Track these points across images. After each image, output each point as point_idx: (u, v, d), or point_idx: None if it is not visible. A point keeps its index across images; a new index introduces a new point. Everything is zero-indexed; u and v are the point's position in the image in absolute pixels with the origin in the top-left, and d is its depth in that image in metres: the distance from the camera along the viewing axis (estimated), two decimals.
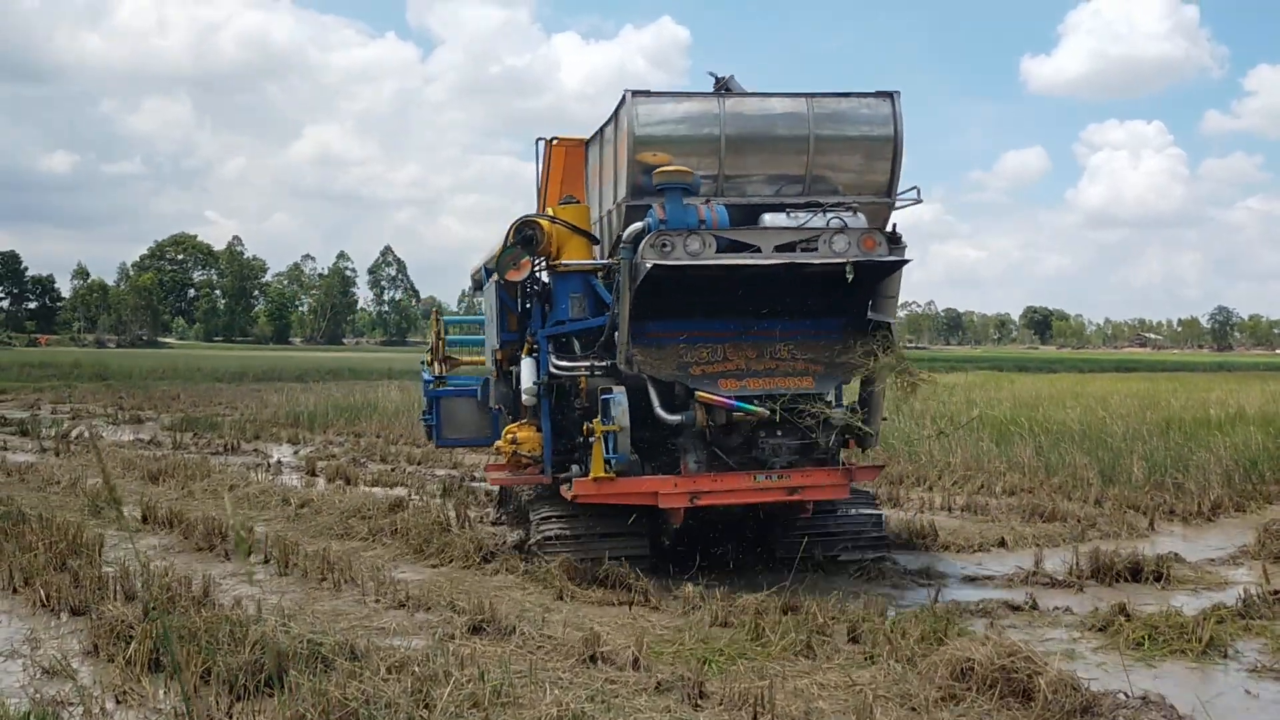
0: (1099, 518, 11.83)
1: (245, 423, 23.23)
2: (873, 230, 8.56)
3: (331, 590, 8.49)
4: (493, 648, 6.69)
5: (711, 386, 8.56)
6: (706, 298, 8.88)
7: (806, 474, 8.61)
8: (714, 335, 8.92)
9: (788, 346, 8.87)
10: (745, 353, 8.82)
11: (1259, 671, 6.62)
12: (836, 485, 8.69)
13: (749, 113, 9.13)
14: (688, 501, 8.52)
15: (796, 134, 9.09)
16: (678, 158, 8.79)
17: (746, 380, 8.63)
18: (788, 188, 9.22)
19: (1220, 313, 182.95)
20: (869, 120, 9.17)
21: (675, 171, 8.61)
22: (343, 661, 6.02)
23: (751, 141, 9.12)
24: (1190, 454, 14.42)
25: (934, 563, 9.76)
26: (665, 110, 9.12)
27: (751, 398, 8.53)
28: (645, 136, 8.92)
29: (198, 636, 6.28)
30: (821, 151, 9.10)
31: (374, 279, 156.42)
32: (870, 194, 9.19)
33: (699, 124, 9.07)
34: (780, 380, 8.64)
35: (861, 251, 8.42)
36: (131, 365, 50.23)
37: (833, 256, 8.40)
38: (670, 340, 8.85)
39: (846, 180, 9.25)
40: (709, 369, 8.71)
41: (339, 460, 17.12)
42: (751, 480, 8.53)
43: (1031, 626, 7.67)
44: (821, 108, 9.12)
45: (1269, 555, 9.77)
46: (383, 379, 40.75)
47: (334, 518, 11.37)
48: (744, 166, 9.16)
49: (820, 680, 6.22)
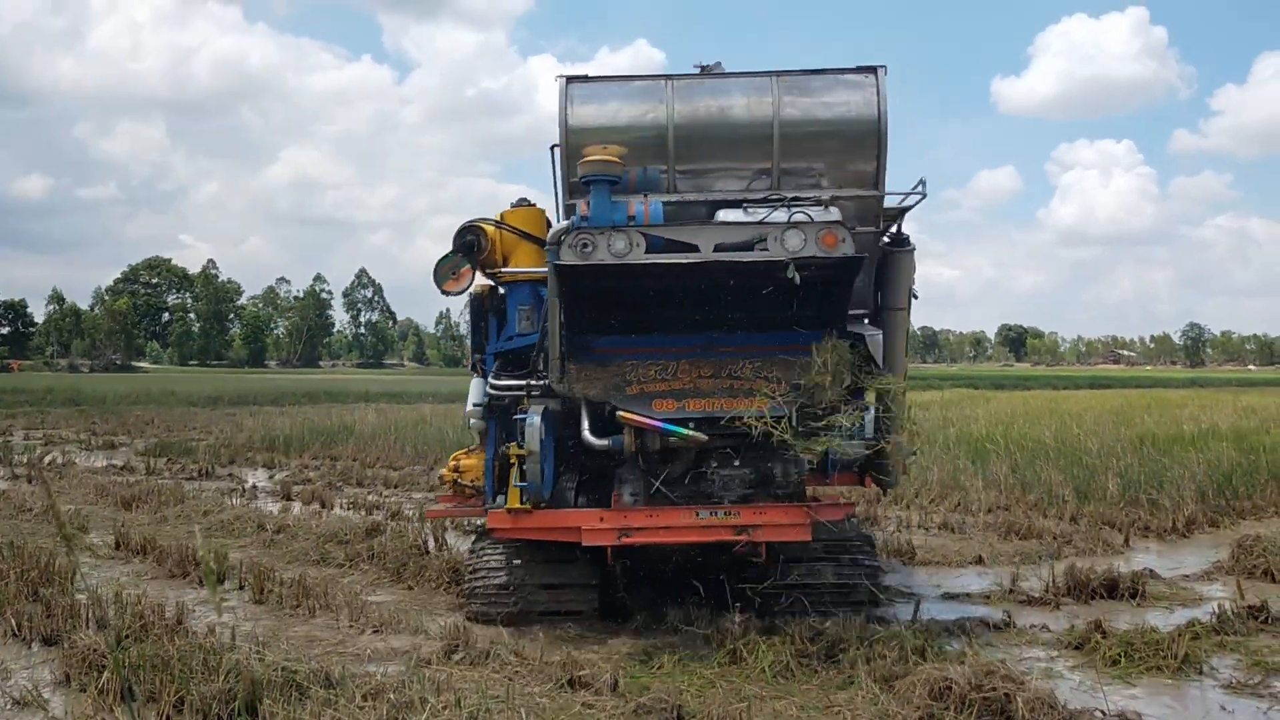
0: (1074, 534, 11.88)
1: (220, 447, 23.04)
2: (833, 225, 7.23)
3: (306, 616, 8.41)
4: (469, 672, 6.65)
5: (643, 406, 7.56)
6: (664, 309, 7.94)
7: (760, 511, 7.40)
8: (671, 351, 7.91)
9: (753, 364, 7.74)
10: (700, 370, 7.74)
11: (1234, 688, 6.65)
12: (795, 526, 7.37)
13: (701, 98, 8.16)
14: (615, 539, 7.47)
15: (760, 119, 8.05)
16: (624, 151, 7.92)
17: (686, 401, 7.59)
18: (753, 181, 8.22)
19: (1192, 329, 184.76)
20: (846, 101, 8.08)
21: (600, 162, 7.64)
22: (317, 689, 5.96)
23: (706, 130, 8.15)
24: (1164, 470, 14.52)
25: (911, 581, 9.77)
26: (605, 98, 8.33)
27: (686, 420, 7.53)
28: (582, 128, 8.17)
29: (171, 665, 6.21)
30: (790, 138, 8.05)
31: (350, 301, 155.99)
32: (853, 186, 8.13)
33: (644, 112, 8.20)
34: (725, 401, 7.52)
35: (820, 249, 7.13)
36: (105, 390, 49.75)
37: (783, 255, 7.16)
38: (617, 357, 7.92)
39: (823, 171, 8.20)
40: (649, 388, 7.70)
41: (315, 484, 17.00)
42: (693, 517, 7.43)
43: (1009, 645, 7.68)
44: (790, 88, 8.09)
45: (1243, 571, 9.83)
46: (359, 402, 40.61)
47: (310, 543, 11.28)
48: (699, 158, 8.23)
49: (799, 702, 6.21)
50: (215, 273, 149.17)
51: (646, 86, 8.30)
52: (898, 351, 8.26)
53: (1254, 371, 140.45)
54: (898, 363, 8.28)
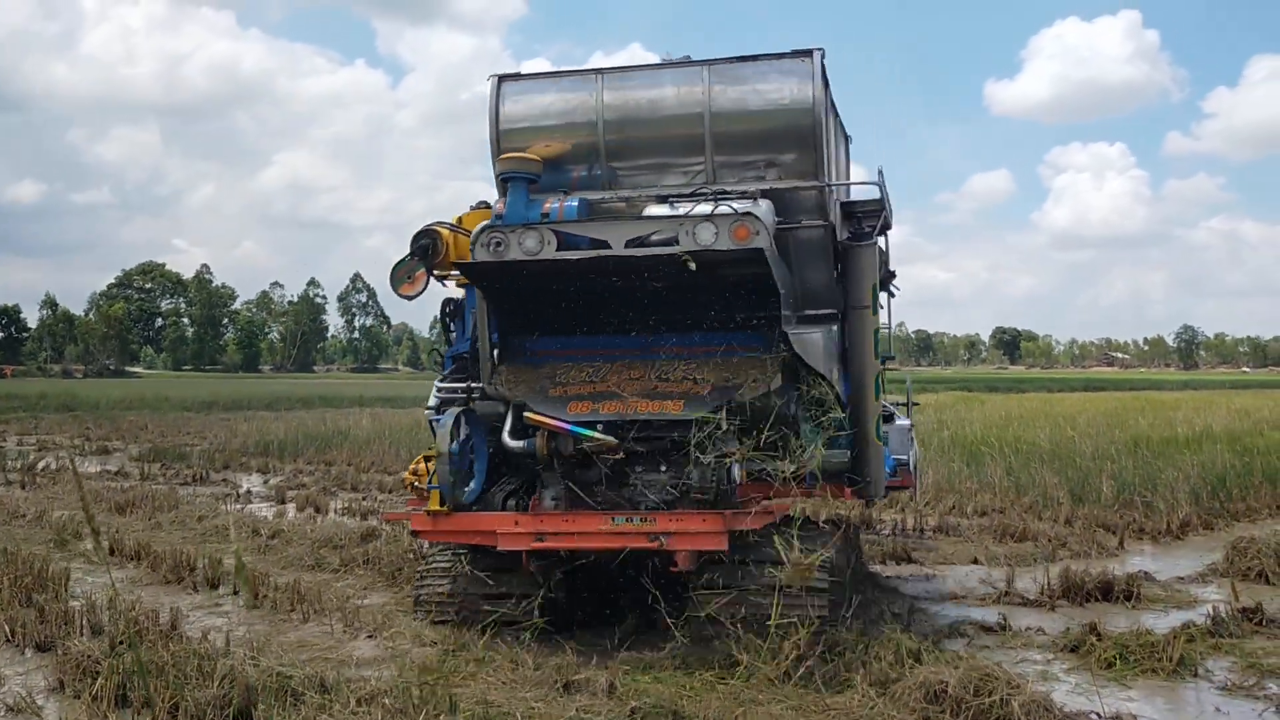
0: (1069, 537, 11.90)
1: (214, 452, 23.02)
2: (745, 218, 6.93)
3: (301, 621, 8.39)
4: (464, 677, 6.63)
5: (559, 409, 7.39)
6: (600, 310, 7.79)
7: (676, 518, 7.03)
8: (607, 353, 7.77)
9: (687, 365, 7.49)
10: (631, 373, 7.52)
11: (1229, 690, 6.66)
12: (710, 534, 6.93)
13: (632, 90, 7.97)
14: (530, 543, 7.24)
15: (691, 111, 7.80)
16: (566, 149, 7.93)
17: (602, 403, 7.35)
18: (680, 174, 8.04)
19: (1186, 331, 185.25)
20: (780, 87, 7.69)
21: (515, 159, 7.71)
22: (312, 694, 5.95)
23: (636, 124, 7.96)
24: (1158, 472, 14.55)
25: (907, 584, 9.77)
26: (536, 96, 8.21)
27: (596, 423, 7.30)
28: (513, 128, 8.11)
29: (165, 671, 6.19)
30: (722, 129, 7.79)
31: (344, 306, 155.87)
32: (793, 177, 7.76)
33: (574, 109, 8.06)
34: (641, 404, 7.26)
35: (733, 242, 6.87)
36: (99, 395, 49.67)
37: (694, 247, 6.92)
38: (552, 359, 7.83)
39: (756, 161, 7.86)
40: (572, 390, 7.51)
41: (310, 489, 16.98)
42: (608, 522, 7.12)
43: (1004, 647, 7.69)
44: (721, 77, 7.76)
45: (1237, 573, 9.84)
46: (354, 407, 40.53)
47: (305, 548, 11.26)
48: (631, 154, 8.07)
49: (796, 705, 6.19)
50: (209, 277, 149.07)
51: (577, 81, 8.15)
52: (864, 352, 7.94)
53: (1248, 374, 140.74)
54: (866, 364, 7.98)
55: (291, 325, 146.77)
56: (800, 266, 8.01)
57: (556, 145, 8.01)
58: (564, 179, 8.17)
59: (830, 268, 8.09)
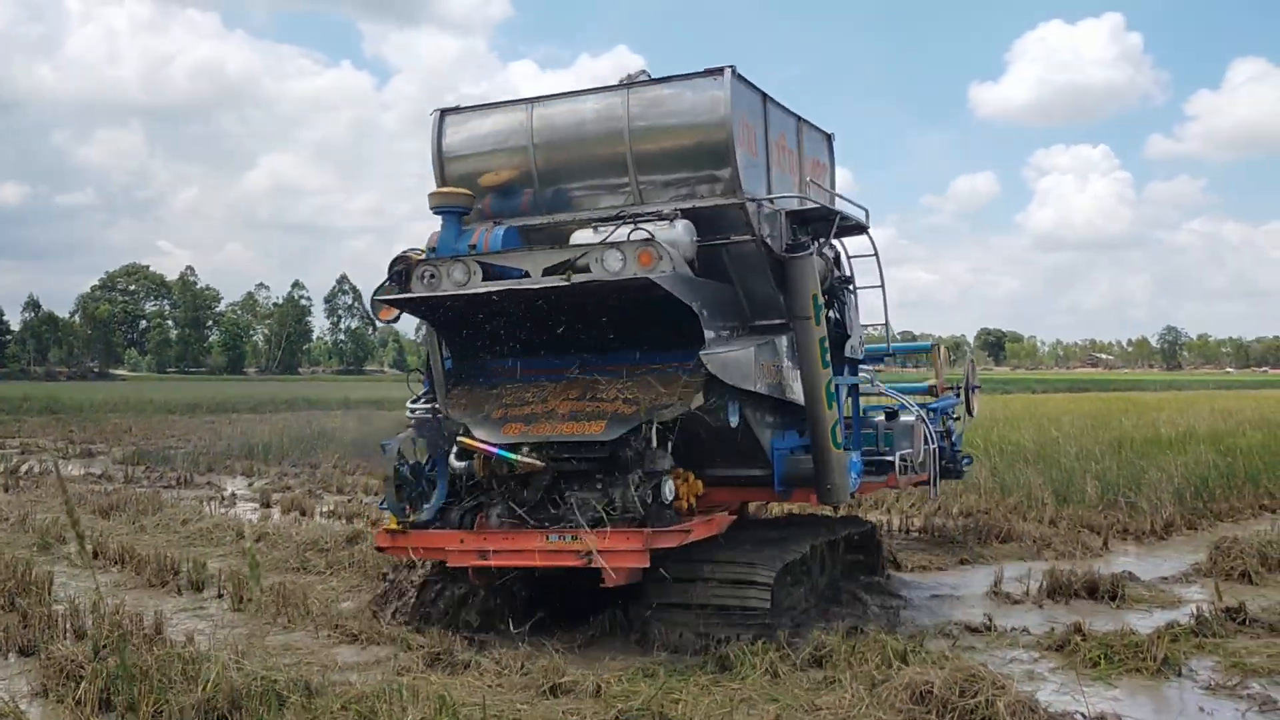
0: (1054, 537, 11.95)
1: (198, 455, 22.90)
2: (648, 244, 7.18)
3: (286, 625, 8.36)
4: (449, 681, 6.61)
5: (494, 430, 7.60)
6: (545, 332, 8.04)
7: (604, 537, 7.13)
8: (556, 372, 8.01)
9: (619, 385, 7.62)
10: (571, 392, 7.70)
11: (1213, 689, 6.69)
12: (632, 553, 7.06)
13: (559, 117, 8.18)
14: (476, 560, 7.48)
15: (612, 133, 7.98)
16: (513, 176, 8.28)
17: (533, 425, 7.51)
18: (614, 196, 8.19)
19: (1169, 332, 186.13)
20: (694, 106, 7.79)
21: (444, 195, 8.12)
22: (297, 698, 5.93)
23: (564, 149, 8.20)
24: (1142, 473, 14.61)
25: (893, 584, 9.79)
26: (474, 126, 8.49)
27: (523, 445, 7.52)
28: (455, 157, 8.50)
29: (149, 675, 6.16)
30: (642, 152, 7.93)
31: (330, 308, 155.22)
32: (716, 196, 7.85)
33: (509, 137, 8.32)
34: (566, 425, 7.40)
35: (638, 269, 7.12)
36: (82, 398, 49.39)
37: (604, 275, 7.20)
38: (503, 379, 8.14)
39: (678, 182, 7.98)
40: (512, 411, 7.71)
41: (295, 492, 16.92)
42: (544, 540, 7.28)
43: (990, 648, 7.71)
44: (639, 100, 7.91)
45: (1221, 573, 9.89)
46: (340, 409, 40.41)
47: (290, 551, 11.22)
48: (561, 178, 8.29)
49: (785, 705, 6.20)
50: (194, 279, 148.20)
51: (511, 111, 8.38)
52: (811, 362, 7.96)
53: (1231, 374, 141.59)
54: (815, 374, 7.99)
55: (276, 327, 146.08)
56: (741, 279, 8.18)
57: (505, 173, 8.27)
58: (510, 204, 8.40)
59: (769, 280, 8.17)
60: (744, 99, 7.93)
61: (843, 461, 8.19)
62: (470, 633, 7.82)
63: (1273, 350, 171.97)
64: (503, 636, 7.98)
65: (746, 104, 8.02)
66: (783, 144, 8.71)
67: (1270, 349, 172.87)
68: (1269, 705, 6.36)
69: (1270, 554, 10.22)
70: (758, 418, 8.14)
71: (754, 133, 8.10)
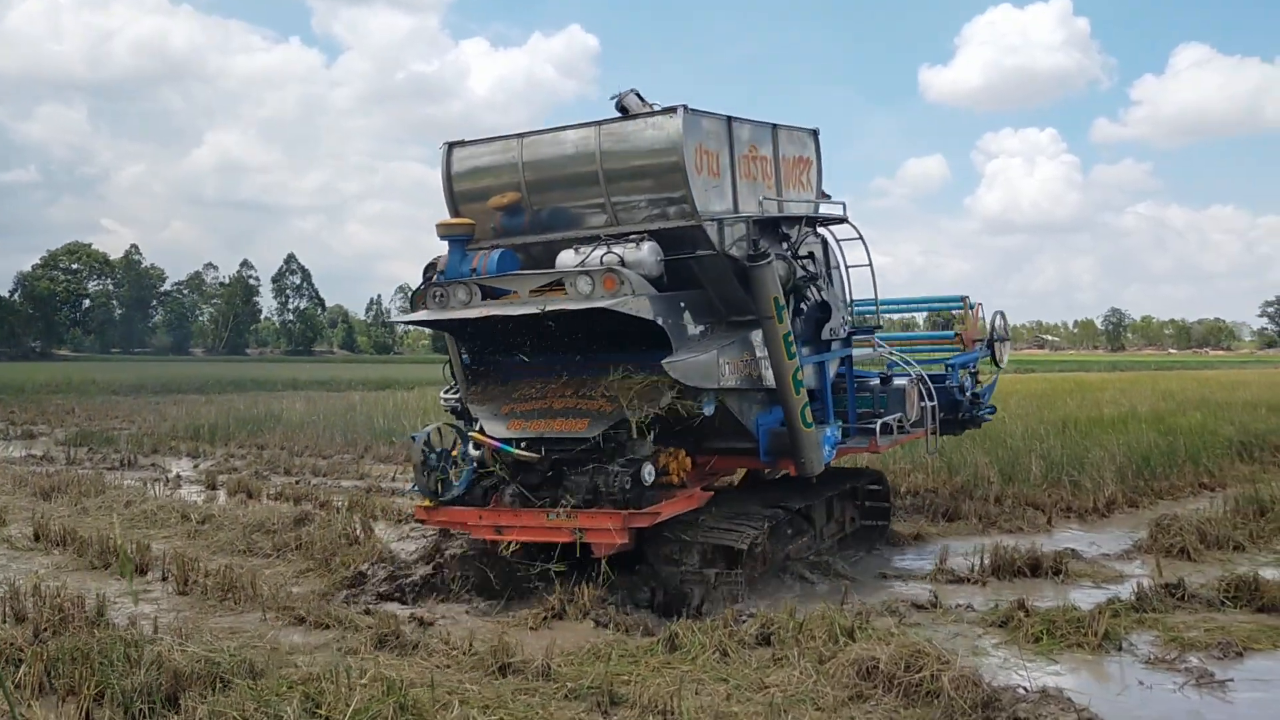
0: (999, 516, 12.11)
1: (143, 436, 22.61)
2: (612, 271, 8.16)
3: (232, 607, 8.28)
4: (397, 661, 6.59)
5: (502, 424, 8.62)
6: (553, 333, 8.97)
7: (591, 516, 8.11)
8: (561, 370, 9.02)
9: (605, 384, 8.55)
10: (567, 390, 8.71)
11: (1152, 663, 6.83)
12: (613, 530, 8.00)
13: (544, 149, 9.11)
14: (493, 533, 8.49)
15: (587, 167, 8.89)
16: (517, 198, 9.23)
17: (531, 422, 8.52)
18: (596, 216, 9.05)
19: (1114, 314, 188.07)
20: (653, 141, 8.65)
21: (448, 225, 9.09)
22: (241, 681, 5.87)
23: (549, 179, 9.14)
24: (1086, 452, 14.83)
25: (839, 564, 9.86)
26: (478, 158, 9.45)
27: (520, 440, 8.46)
28: (464, 186, 9.48)
29: (91, 658, 6.08)
30: (613, 180, 8.83)
31: (279, 288, 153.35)
32: (678, 219, 8.70)
33: (505, 168, 9.27)
34: (557, 423, 8.41)
35: (603, 293, 8.11)
36: (24, 378, 48.54)
37: (579, 299, 8.17)
38: (517, 375, 9.21)
39: (646, 205, 8.86)
40: (518, 407, 8.73)
41: (241, 474, 16.75)
42: (545, 518, 8.26)
43: (935, 624, 7.81)
44: (609, 135, 8.83)
45: (1161, 549, 10.09)
46: (287, 390, 40.03)
47: (236, 533, 11.10)
48: (548, 203, 9.21)
49: (734, 684, 6.24)
50: (138, 258, 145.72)
51: (505, 145, 9.32)
52: (778, 355, 8.83)
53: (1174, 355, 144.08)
54: (782, 366, 8.85)
55: (223, 307, 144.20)
56: (711, 286, 9.03)
57: (510, 195, 9.24)
58: (515, 223, 9.40)
59: (736, 285, 8.96)
60: (698, 130, 8.72)
61: (814, 438, 9.10)
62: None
63: (1214, 332, 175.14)
64: (453, 619, 7.97)
65: (703, 133, 8.80)
66: (754, 155, 9.48)
67: (1211, 331, 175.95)
68: (1206, 678, 6.50)
69: (1209, 531, 10.45)
70: (738, 403, 9.01)
71: (715, 156, 8.92)
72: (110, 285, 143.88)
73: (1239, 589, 8.20)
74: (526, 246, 9.29)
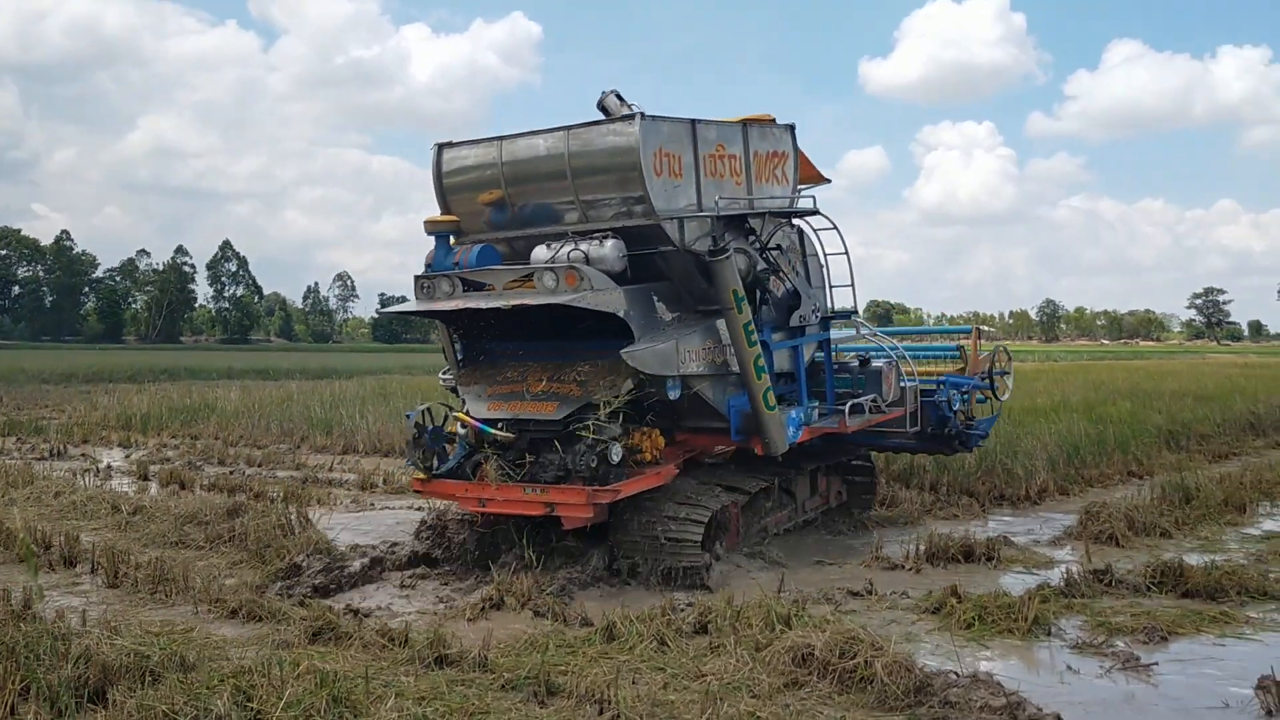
0: (934, 503, 12.28)
1: (73, 426, 22.16)
2: (573, 268, 8.68)
3: (164, 600, 8.15)
4: (333, 654, 6.52)
5: (484, 406, 9.18)
6: (526, 325, 9.65)
7: (561, 492, 8.63)
8: (541, 355, 9.63)
9: (580, 369, 9.14)
10: (544, 374, 9.26)
11: (1080, 648, 6.97)
12: (578, 505, 8.55)
13: (520, 152, 9.59)
14: (478, 506, 9.04)
15: (557, 168, 9.37)
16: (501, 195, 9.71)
17: (509, 403, 9.09)
18: (569, 216, 9.53)
19: (1048, 305, 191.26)
20: (614, 145, 9.14)
21: (434, 223, 9.75)
22: (171, 674, 5.78)
23: (524, 179, 9.63)
24: (1019, 441, 15.08)
25: (778, 552, 9.94)
26: (464, 158, 9.96)
27: (497, 421, 8.96)
28: (452, 184, 10.01)
29: (16, 652, 5.94)
30: (580, 180, 9.30)
31: (214, 275, 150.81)
32: (640, 218, 9.16)
33: (487, 168, 9.78)
34: (530, 405, 8.96)
35: (565, 288, 8.65)
36: None
37: (545, 294, 8.68)
38: (504, 359, 9.82)
39: (611, 204, 9.32)
40: (500, 390, 9.30)
41: (174, 464, 16.48)
42: (523, 493, 8.74)
43: (870, 611, 7.91)
44: (575, 139, 9.28)
45: (1090, 536, 10.31)
46: (222, 379, 39.43)
47: (168, 524, 10.91)
48: (525, 201, 9.72)
49: (671, 672, 6.27)
50: (69, 244, 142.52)
51: (487, 147, 9.82)
52: (739, 344, 9.25)
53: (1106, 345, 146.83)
54: (744, 353, 9.25)
55: (157, 294, 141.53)
56: (678, 278, 9.48)
57: (495, 193, 9.74)
58: (501, 218, 9.88)
59: (699, 278, 9.37)
60: (658, 134, 9.13)
61: (778, 419, 9.51)
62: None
63: (1144, 323, 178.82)
64: (390, 610, 7.92)
65: (663, 137, 9.19)
66: (721, 154, 9.87)
67: (1142, 322, 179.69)
68: (1132, 662, 6.65)
69: (1136, 518, 10.69)
70: (708, 386, 9.42)
71: (677, 158, 9.34)
72: (40, 272, 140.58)
73: (1165, 575, 8.39)
74: (511, 240, 9.82)
